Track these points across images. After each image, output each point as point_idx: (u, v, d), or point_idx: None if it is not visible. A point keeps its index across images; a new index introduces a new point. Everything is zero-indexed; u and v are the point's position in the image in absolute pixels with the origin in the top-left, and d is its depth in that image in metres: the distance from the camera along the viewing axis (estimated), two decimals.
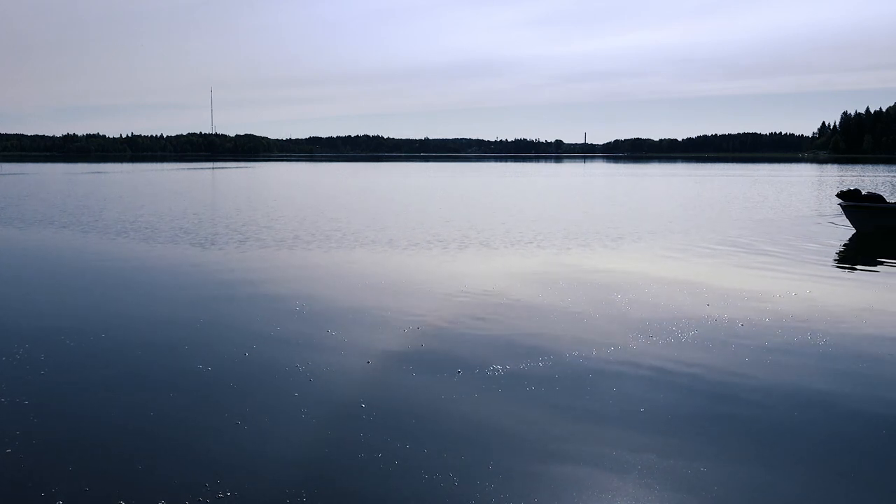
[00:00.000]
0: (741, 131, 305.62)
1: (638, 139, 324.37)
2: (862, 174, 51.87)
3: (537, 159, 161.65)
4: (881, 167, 71.70)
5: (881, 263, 11.78)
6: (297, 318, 7.71)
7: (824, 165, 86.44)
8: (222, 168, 72.56)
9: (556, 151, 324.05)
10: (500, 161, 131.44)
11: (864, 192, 15.63)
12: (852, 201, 15.54)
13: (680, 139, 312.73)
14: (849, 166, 76.41)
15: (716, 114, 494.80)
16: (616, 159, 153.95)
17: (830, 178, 45.65)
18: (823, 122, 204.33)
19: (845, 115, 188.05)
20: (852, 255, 12.85)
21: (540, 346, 6.59)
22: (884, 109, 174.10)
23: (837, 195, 16.04)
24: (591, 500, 3.88)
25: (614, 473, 4.14)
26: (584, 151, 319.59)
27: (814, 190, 33.44)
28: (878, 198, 15.45)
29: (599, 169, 75.82)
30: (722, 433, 4.71)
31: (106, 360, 6.24)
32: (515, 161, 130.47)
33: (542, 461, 4.28)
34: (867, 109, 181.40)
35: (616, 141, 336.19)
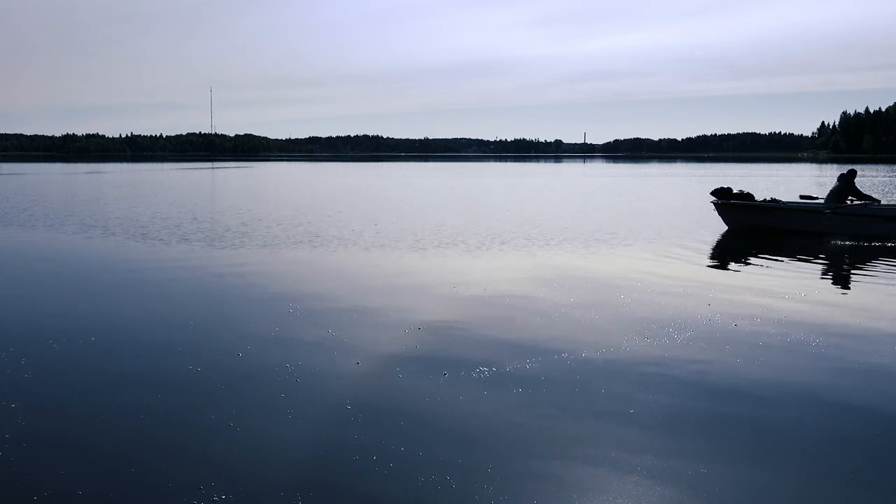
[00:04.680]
0: (741, 131, 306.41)
1: (637, 139, 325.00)
2: (862, 174, 51.86)
3: (537, 159, 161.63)
4: (881, 167, 71.67)
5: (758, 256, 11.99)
6: (291, 318, 7.67)
7: (823, 165, 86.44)
8: (222, 168, 72.54)
9: (555, 151, 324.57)
10: (500, 161, 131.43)
11: (735, 191, 16.18)
12: (724, 199, 16.10)
13: (679, 139, 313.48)
14: (848, 166, 76.43)
15: (716, 114, 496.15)
16: (616, 159, 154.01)
17: (826, 179, 45.62)
18: (823, 122, 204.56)
19: (845, 115, 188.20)
20: (721, 250, 13.42)
21: (538, 347, 6.55)
22: (883, 109, 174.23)
23: (711, 192, 16.58)
24: (591, 500, 3.83)
25: (614, 474, 4.09)
26: (584, 151, 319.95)
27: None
28: (747, 196, 15.98)
29: (597, 169, 75.85)
30: (721, 433, 4.66)
31: (96, 361, 6.19)
32: (515, 161, 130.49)
33: (542, 462, 4.23)
34: (867, 109, 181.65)
35: (616, 141, 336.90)
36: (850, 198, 15.12)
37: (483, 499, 3.82)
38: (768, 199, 16.25)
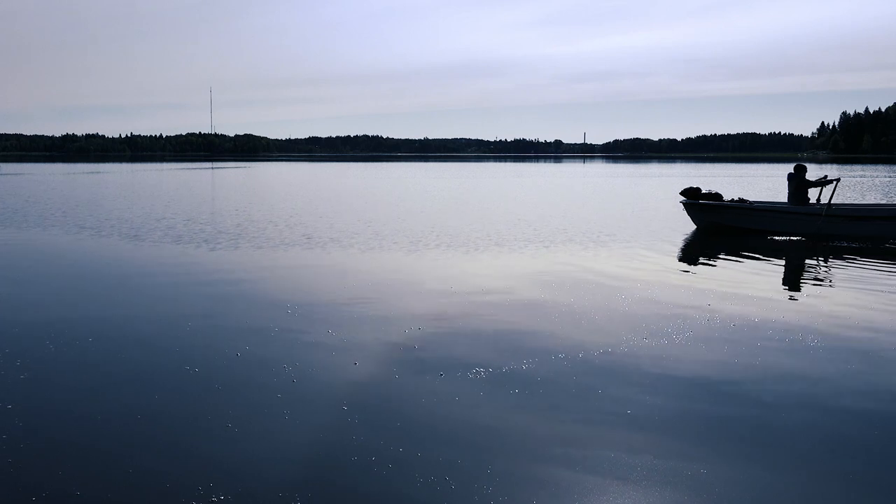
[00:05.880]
0: (741, 131, 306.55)
1: (637, 139, 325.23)
2: (862, 174, 51.83)
3: (536, 159, 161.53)
4: (881, 167, 71.68)
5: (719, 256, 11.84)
6: (289, 319, 7.65)
7: (823, 165, 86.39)
8: (221, 168, 72.48)
9: (555, 151, 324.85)
10: (500, 161, 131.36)
11: (704, 191, 16.41)
12: (692, 199, 16.32)
13: (679, 139, 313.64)
14: (847, 166, 76.41)
15: (716, 114, 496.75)
16: (615, 159, 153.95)
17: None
18: (823, 122, 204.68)
19: (844, 115, 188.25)
20: (692, 249, 13.53)
21: (535, 347, 6.53)
22: (883, 109, 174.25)
23: (680, 192, 16.80)
24: (590, 501, 3.81)
25: (612, 475, 4.07)
26: (584, 151, 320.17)
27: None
28: (716, 196, 16.21)
29: (597, 169, 75.81)
30: (720, 434, 4.64)
31: (92, 361, 6.18)
32: (515, 161, 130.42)
33: (540, 463, 4.21)
34: (866, 109, 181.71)
35: (615, 141, 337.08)
36: (810, 191, 15.34)
37: (482, 499, 3.80)
38: (735, 198, 16.46)
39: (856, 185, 35.88)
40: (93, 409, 5.06)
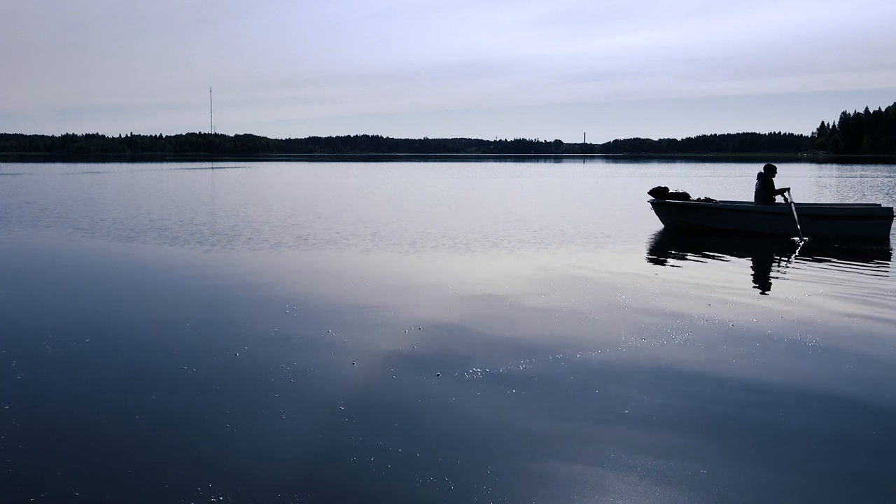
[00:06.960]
0: (741, 131, 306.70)
1: (637, 139, 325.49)
2: (862, 174, 51.82)
3: (536, 159, 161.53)
4: (881, 167, 71.65)
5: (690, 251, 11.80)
6: (289, 319, 7.65)
7: (823, 165, 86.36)
8: (221, 168, 72.46)
9: (555, 151, 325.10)
10: (500, 161, 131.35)
11: (671, 190, 16.53)
12: (660, 198, 16.42)
13: (679, 139, 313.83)
14: (847, 166, 76.38)
15: (716, 114, 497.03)
16: (615, 159, 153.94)
17: (825, 179, 45.63)
18: (823, 122, 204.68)
19: (844, 115, 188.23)
20: (690, 249, 13.37)
21: (533, 347, 6.52)
22: (883, 109, 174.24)
23: (648, 192, 16.90)
24: (588, 500, 3.81)
25: (611, 474, 4.07)
26: (584, 151, 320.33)
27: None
28: (683, 196, 16.31)
29: (597, 169, 75.79)
30: (719, 433, 4.64)
31: (91, 362, 6.17)
32: (515, 161, 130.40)
33: (539, 463, 4.21)
34: (866, 109, 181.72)
35: (615, 141, 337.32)
36: (776, 194, 15.43)
37: (481, 499, 3.79)
38: (702, 198, 16.55)
39: (856, 186, 35.89)
40: (91, 410, 5.05)
